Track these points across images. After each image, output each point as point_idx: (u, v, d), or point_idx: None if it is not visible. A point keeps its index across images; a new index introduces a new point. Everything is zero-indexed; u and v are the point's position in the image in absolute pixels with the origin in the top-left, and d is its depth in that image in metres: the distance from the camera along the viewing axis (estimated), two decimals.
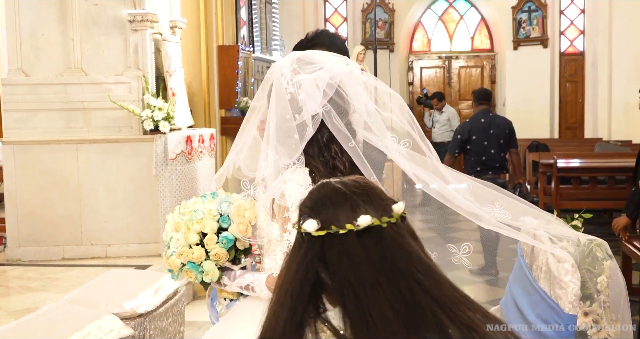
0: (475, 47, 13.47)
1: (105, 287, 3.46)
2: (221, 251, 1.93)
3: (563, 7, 12.66)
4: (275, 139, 1.83)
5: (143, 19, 5.66)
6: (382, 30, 12.79)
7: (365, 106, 1.87)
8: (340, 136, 1.84)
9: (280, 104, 1.85)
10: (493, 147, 6.17)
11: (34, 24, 5.71)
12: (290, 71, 1.87)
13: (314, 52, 1.99)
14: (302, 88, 1.84)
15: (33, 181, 5.62)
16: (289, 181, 1.83)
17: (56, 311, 3.05)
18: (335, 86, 1.85)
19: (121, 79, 5.67)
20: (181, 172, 5.70)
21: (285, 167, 1.85)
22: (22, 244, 5.64)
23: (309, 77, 1.85)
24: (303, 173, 1.85)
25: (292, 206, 1.80)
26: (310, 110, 1.83)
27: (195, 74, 7.46)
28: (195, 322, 4.35)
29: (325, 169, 1.86)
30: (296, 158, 1.85)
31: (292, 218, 1.80)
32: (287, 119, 1.84)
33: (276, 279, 1.82)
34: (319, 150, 1.87)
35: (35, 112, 5.69)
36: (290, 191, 1.82)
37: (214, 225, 1.95)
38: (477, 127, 6.24)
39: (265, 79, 1.95)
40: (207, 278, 1.94)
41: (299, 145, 1.84)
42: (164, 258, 2.01)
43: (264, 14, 10.27)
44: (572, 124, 12.72)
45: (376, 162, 1.89)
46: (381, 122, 1.87)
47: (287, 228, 1.81)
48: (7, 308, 4.35)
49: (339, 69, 1.88)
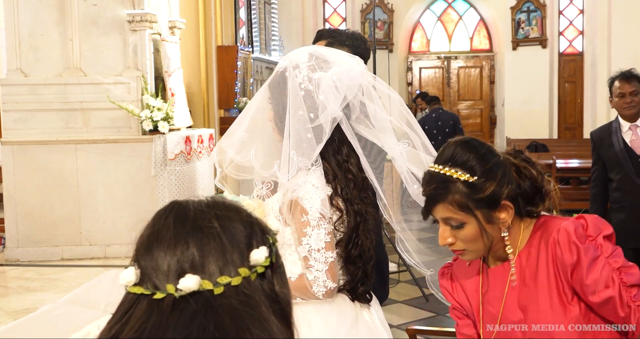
0: (474, 48, 13.47)
1: (104, 287, 3.46)
2: None
3: (562, 8, 12.66)
4: (296, 139, 1.83)
5: (142, 19, 5.66)
6: (381, 30, 12.78)
7: (375, 108, 1.88)
8: (353, 140, 1.86)
9: (294, 100, 1.84)
10: (440, 135, 7.93)
11: (33, 24, 5.71)
12: (307, 67, 1.86)
13: (327, 49, 1.99)
14: (320, 88, 1.83)
15: (32, 181, 5.62)
16: (305, 184, 1.82)
17: (55, 312, 3.05)
18: (355, 89, 1.85)
19: (120, 80, 5.67)
20: (180, 173, 5.70)
21: (306, 169, 1.84)
22: (21, 245, 5.63)
23: (329, 76, 1.84)
24: (319, 174, 1.84)
25: (311, 209, 1.80)
26: (331, 113, 1.82)
27: (194, 75, 7.46)
28: None
29: (339, 171, 1.86)
30: (314, 160, 1.84)
31: (311, 222, 1.80)
32: (301, 115, 1.83)
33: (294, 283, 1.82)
34: (334, 151, 1.88)
35: (34, 113, 5.69)
36: (308, 194, 1.81)
37: None
38: (430, 120, 8.31)
39: (275, 71, 1.92)
40: None
41: (314, 146, 1.83)
42: None
43: (263, 14, 10.27)
44: (571, 125, 12.73)
45: (377, 164, 1.90)
46: (388, 123, 1.88)
47: (306, 232, 1.80)
48: (6, 308, 4.35)
49: (355, 69, 1.89)
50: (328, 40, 2.74)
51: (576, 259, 1.52)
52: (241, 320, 0.82)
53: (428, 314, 5.08)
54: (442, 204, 1.57)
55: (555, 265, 1.57)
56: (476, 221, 1.57)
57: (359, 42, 2.73)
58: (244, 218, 0.90)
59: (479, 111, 13.19)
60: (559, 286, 1.57)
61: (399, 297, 5.45)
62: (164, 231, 0.87)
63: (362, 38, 2.78)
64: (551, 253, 1.57)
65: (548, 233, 1.59)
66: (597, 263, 1.52)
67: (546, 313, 1.58)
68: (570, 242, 1.53)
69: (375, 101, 1.89)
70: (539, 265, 1.60)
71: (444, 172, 1.58)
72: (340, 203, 1.86)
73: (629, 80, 4.00)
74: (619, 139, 4.07)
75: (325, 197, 1.83)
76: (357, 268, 1.89)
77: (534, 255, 1.61)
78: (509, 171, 1.59)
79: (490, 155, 1.59)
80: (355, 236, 1.87)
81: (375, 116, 1.88)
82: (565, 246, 1.54)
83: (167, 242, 0.86)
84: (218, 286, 0.83)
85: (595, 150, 4.23)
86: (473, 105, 13.29)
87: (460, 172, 1.56)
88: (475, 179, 1.55)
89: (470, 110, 13.19)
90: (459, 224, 1.58)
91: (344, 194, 1.86)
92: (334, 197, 1.85)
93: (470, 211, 1.56)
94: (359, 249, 1.88)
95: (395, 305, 5.23)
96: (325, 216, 1.81)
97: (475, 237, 1.58)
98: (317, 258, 1.80)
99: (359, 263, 1.89)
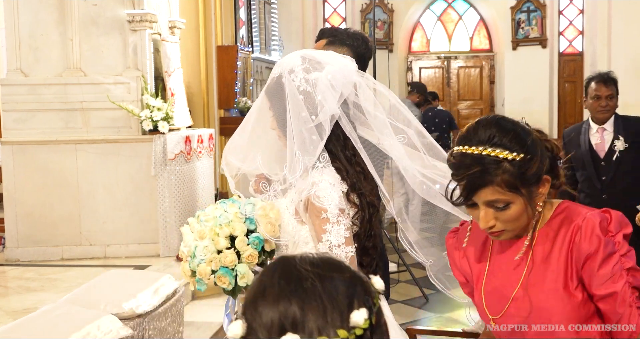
0: (474, 48, 13.47)
1: (104, 287, 3.46)
2: (254, 252, 1.90)
3: (562, 8, 12.66)
4: (299, 140, 1.86)
5: (142, 19, 5.65)
6: (381, 30, 12.79)
7: (372, 105, 1.91)
8: (353, 135, 1.90)
9: (294, 103, 1.87)
10: (438, 131, 8.63)
11: (33, 25, 5.71)
12: (302, 70, 1.89)
13: (317, 51, 2.02)
14: (317, 87, 1.87)
15: (32, 181, 5.62)
16: (320, 182, 1.85)
17: (55, 312, 3.05)
18: (350, 87, 1.89)
19: (120, 80, 5.67)
20: (180, 173, 5.70)
21: (312, 167, 1.88)
22: (21, 245, 5.64)
23: (324, 75, 1.88)
24: (332, 172, 1.89)
25: (330, 206, 1.83)
26: (329, 110, 1.86)
27: (194, 74, 7.46)
28: (194, 322, 4.35)
29: (350, 166, 1.90)
30: (321, 156, 1.88)
31: (331, 218, 1.83)
32: (303, 117, 1.86)
33: None
34: (341, 148, 1.91)
35: (34, 113, 5.69)
36: (325, 192, 1.84)
37: (243, 227, 1.92)
38: (427, 117, 8.88)
39: (271, 77, 1.95)
40: (242, 282, 1.89)
41: (318, 144, 1.87)
42: (183, 270, 1.95)
43: (263, 14, 10.27)
44: (570, 125, 12.72)
45: (377, 164, 1.92)
46: (385, 121, 1.90)
47: (326, 229, 1.83)
48: (6, 308, 4.35)
49: (349, 67, 1.92)
50: (329, 39, 2.75)
51: (594, 250, 1.54)
52: None
53: (428, 314, 5.08)
54: (488, 187, 1.53)
55: (570, 250, 1.58)
56: (522, 200, 1.55)
57: (360, 41, 2.73)
58: (347, 278, 0.94)
59: (478, 110, 13.19)
60: (567, 271, 1.58)
61: (399, 297, 5.46)
62: (270, 288, 0.94)
63: (364, 38, 2.78)
64: (569, 238, 1.58)
65: (571, 219, 1.60)
66: (612, 258, 1.54)
67: (549, 294, 1.59)
68: (593, 233, 1.54)
69: (368, 98, 1.92)
70: (554, 247, 1.61)
71: (486, 153, 1.52)
72: (355, 198, 1.90)
73: (606, 84, 4.02)
74: (585, 140, 4.06)
75: (342, 194, 1.87)
76: (372, 258, 1.94)
77: (552, 236, 1.62)
78: (541, 145, 1.60)
79: (524, 131, 1.58)
80: (369, 228, 1.92)
81: (371, 112, 1.91)
82: (587, 235, 1.55)
83: (272, 298, 0.92)
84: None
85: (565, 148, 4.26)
86: (473, 105, 13.30)
87: (505, 151, 1.52)
88: (521, 156, 1.53)
89: (470, 110, 13.20)
90: (505, 205, 1.55)
91: (357, 188, 1.90)
92: (350, 193, 1.89)
93: (518, 190, 1.53)
94: (373, 240, 1.94)
95: (395, 305, 5.23)
96: (344, 212, 1.85)
97: (519, 216, 1.57)
98: (338, 253, 1.83)
99: (374, 254, 1.95)
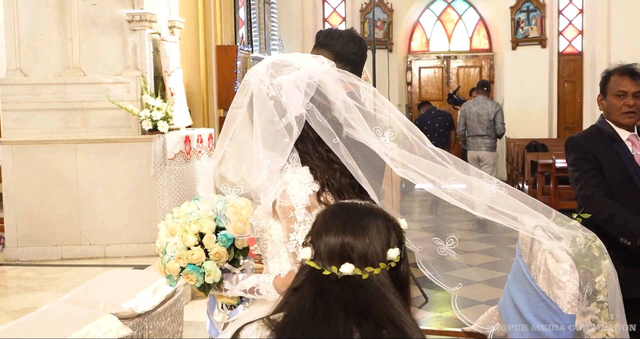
0: (474, 47, 13.47)
1: (103, 287, 3.46)
2: (221, 249, 1.90)
3: (561, 7, 12.66)
4: (264, 145, 1.85)
5: (141, 19, 5.66)
6: (381, 30, 12.79)
7: (343, 102, 1.89)
8: (324, 134, 1.87)
9: (265, 109, 1.86)
10: (442, 128, 9.55)
11: (32, 24, 5.71)
12: (268, 76, 1.89)
13: (287, 55, 2.03)
14: (282, 90, 1.86)
15: (31, 181, 5.62)
16: (292, 181, 1.83)
17: (55, 311, 3.05)
18: (315, 85, 1.87)
19: (120, 79, 5.67)
20: (180, 172, 5.70)
21: (280, 169, 1.86)
22: (21, 244, 5.63)
23: (289, 78, 1.87)
24: (304, 171, 1.86)
25: (297, 205, 1.81)
26: (294, 111, 1.85)
27: (193, 74, 7.46)
28: (194, 322, 4.34)
29: (323, 164, 1.87)
30: (290, 157, 1.86)
31: (298, 217, 1.80)
32: (275, 122, 1.85)
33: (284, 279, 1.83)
34: (313, 146, 1.89)
35: (33, 112, 5.69)
36: (294, 190, 1.82)
37: (212, 224, 1.92)
38: (431, 116, 9.66)
39: (243, 85, 1.95)
40: (209, 279, 1.90)
41: (288, 145, 1.85)
42: (159, 266, 1.96)
43: (263, 13, 10.26)
44: (570, 124, 12.72)
45: (375, 164, 1.90)
46: (362, 117, 1.89)
47: (293, 228, 1.81)
48: (5, 308, 4.35)
49: (316, 68, 1.91)
50: (316, 42, 2.73)
51: None
52: (376, 296, 1.27)
53: (428, 314, 5.08)
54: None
55: None
56: None
57: (350, 46, 2.69)
58: (386, 221, 1.36)
59: None
60: None
61: None
62: (330, 224, 1.35)
63: (358, 41, 2.72)
64: None
65: None
66: None
67: None
68: None
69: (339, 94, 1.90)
70: None
71: None
72: (329, 199, 1.86)
73: (633, 77, 2.94)
74: (624, 150, 2.98)
75: (313, 194, 1.84)
76: None
77: None
78: None
79: None
80: None
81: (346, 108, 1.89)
82: None
83: (334, 231, 1.33)
84: (365, 273, 1.28)
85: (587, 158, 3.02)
86: None
87: None
88: None
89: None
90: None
91: (332, 184, 1.86)
92: (321, 193, 1.85)
93: None
94: None
95: None
96: (312, 212, 1.81)
97: None
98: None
99: None
